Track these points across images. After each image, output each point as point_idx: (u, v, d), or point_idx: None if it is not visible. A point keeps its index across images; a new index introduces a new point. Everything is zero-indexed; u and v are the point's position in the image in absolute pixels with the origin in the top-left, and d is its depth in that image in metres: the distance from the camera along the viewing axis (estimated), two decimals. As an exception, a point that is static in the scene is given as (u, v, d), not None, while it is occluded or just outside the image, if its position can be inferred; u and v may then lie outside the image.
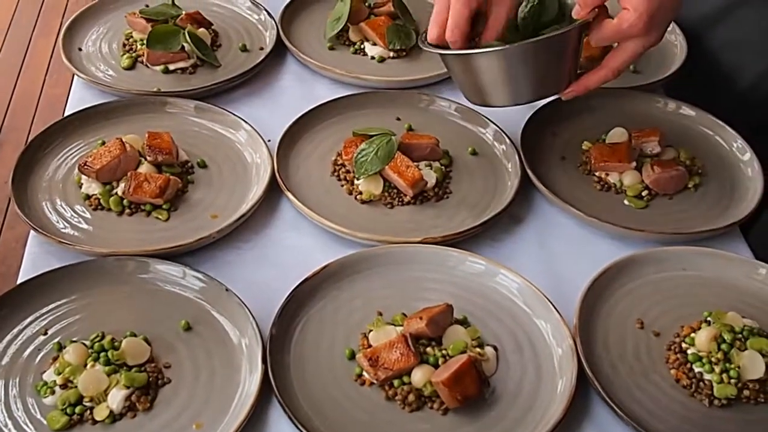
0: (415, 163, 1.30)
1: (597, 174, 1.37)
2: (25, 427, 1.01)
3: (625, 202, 1.34)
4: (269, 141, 1.37)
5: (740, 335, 1.10)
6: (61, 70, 3.26)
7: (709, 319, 1.15)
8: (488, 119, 1.43)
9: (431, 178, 1.32)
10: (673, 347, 1.12)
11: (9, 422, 1.01)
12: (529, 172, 1.33)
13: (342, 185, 1.33)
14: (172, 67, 1.52)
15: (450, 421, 1.04)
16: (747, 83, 1.58)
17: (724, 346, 1.09)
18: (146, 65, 1.53)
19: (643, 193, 1.34)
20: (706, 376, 1.08)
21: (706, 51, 1.63)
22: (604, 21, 1.15)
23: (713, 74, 1.63)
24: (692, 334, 1.13)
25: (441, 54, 1.20)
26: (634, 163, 1.36)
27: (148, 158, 1.29)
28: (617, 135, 1.41)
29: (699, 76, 1.65)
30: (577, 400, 1.06)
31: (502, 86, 1.19)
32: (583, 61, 1.55)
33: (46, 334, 1.10)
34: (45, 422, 1.01)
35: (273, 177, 1.30)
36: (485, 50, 1.15)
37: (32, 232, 1.22)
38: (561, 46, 1.16)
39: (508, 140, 1.40)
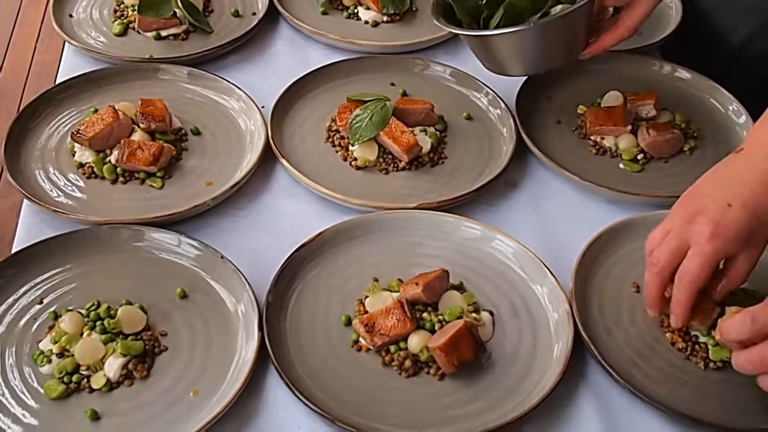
0: (410, 129, 1.30)
1: (592, 138, 1.37)
2: (22, 396, 1.01)
3: (621, 165, 1.34)
4: (263, 107, 1.36)
5: (737, 297, 1.10)
6: (52, 36, 3.23)
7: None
8: (483, 84, 1.42)
9: (426, 143, 1.31)
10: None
11: (6, 391, 1.01)
12: (524, 136, 1.33)
13: (337, 151, 1.32)
14: (164, 33, 1.51)
15: (446, 386, 1.04)
16: (738, 42, 1.57)
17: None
18: (138, 31, 1.52)
19: (639, 157, 1.34)
20: (702, 339, 1.09)
21: (700, 12, 1.62)
22: None
23: (707, 35, 1.62)
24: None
25: (458, 33, 1.23)
26: (629, 127, 1.35)
27: (141, 126, 1.29)
28: (612, 98, 1.40)
29: (694, 38, 1.64)
30: (573, 365, 1.06)
31: (520, 60, 1.24)
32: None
33: (41, 303, 1.10)
34: (42, 391, 1.01)
35: (267, 144, 1.30)
36: (502, 31, 1.19)
37: (26, 201, 1.22)
38: (577, 19, 1.18)
39: (503, 105, 1.39)
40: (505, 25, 1.21)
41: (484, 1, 1.25)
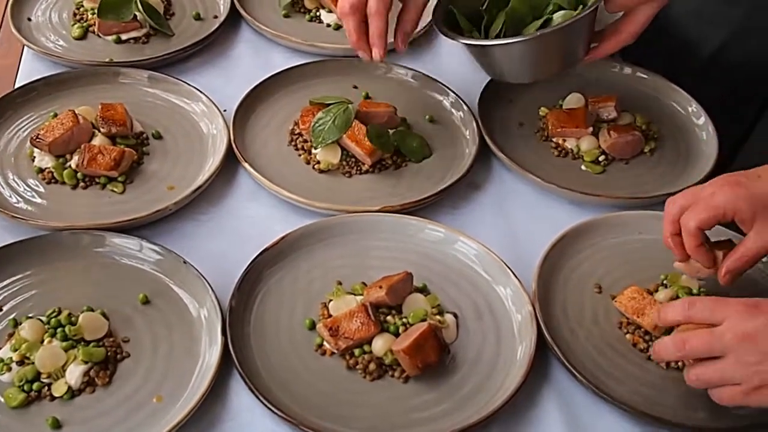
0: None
1: (554, 140, 1.38)
2: (-19, 404, 1.00)
3: (583, 167, 1.35)
4: (225, 111, 1.36)
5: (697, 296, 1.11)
6: (11, 40, 3.18)
7: (665, 282, 1.16)
8: (446, 86, 1.43)
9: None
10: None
11: (-35, 400, 1.00)
12: (487, 138, 1.33)
13: (300, 155, 1.32)
14: (124, 36, 1.49)
15: (411, 388, 1.04)
16: (708, 53, 1.59)
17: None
18: (98, 35, 1.50)
19: (600, 158, 1.35)
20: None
21: (666, 18, 1.64)
22: None
23: (671, 41, 1.64)
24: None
25: (462, 42, 1.22)
26: (590, 129, 1.36)
27: (101, 130, 1.28)
28: (574, 100, 1.41)
29: (655, 41, 1.65)
30: (537, 365, 1.07)
31: (522, 68, 1.24)
32: None
33: (1, 310, 1.09)
34: (2, 399, 1.00)
35: (229, 147, 1.29)
36: (505, 41, 1.19)
37: (-16, 207, 1.20)
38: (579, 28, 1.19)
39: (465, 107, 1.40)
40: (506, 32, 1.22)
41: (484, 7, 1.25)
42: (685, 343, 0.95)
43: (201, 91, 1.38)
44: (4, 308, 1.09)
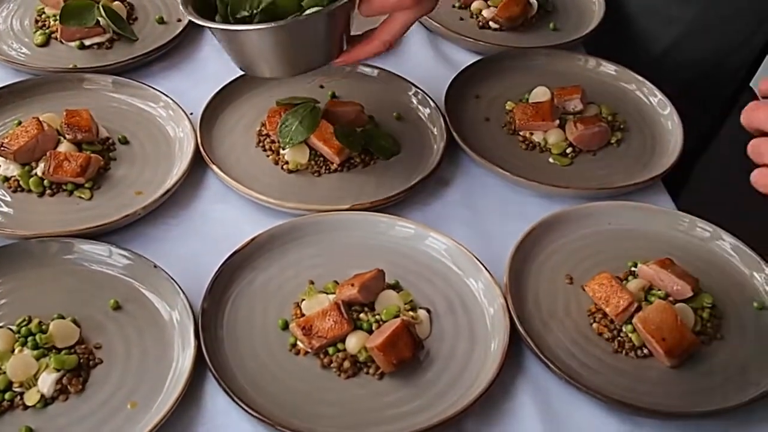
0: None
1: (521, 133, 1.38)
2: (-46, 415, 0.99)
3: (550, 160, 1.35)
4: (191, 114, 1.35)
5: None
6: (-27, 50, 3.17)
7: (633, 269, 1.17)
8: (412, 84, 1.43)
9: (357, 145, 1.31)
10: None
11: (-64, 412, 0.99)
12: (455, 134, 1.34)
13: (268, 156, 1.31)
14: (87, 42, 1.48)
15: (386, 385, 1.05)
16: (661, 49, 1.61)
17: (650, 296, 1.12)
18: (61, 41, 1.49)
19: (568, 151, 1.36)
20: (623, 328, 1.11)
21: (623, 14, 1.65)
22: None
23: (630, 35, 1.65)
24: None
25: (205, 26, 1.13)
26: (557, 122, 1.37)
27: (67, 137, 1.26)
28: (540, 94, 1.42)
29: (617, 35, 1.67)
30: (511, 358, 1.07)
31: (269, 60, 1.15)
32: (504, 20, 1.57)
33: (-29, 318, 1.08)
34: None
35: (197, 150, 1.28)
36: (250, 27, 1.10)
37: (-50, 217, 1.19)
38: (330, 21, 1.12)
39: (432, 104, 1.40)
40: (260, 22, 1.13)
41: None
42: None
43: (166, 95, 1.37)
44: (-25, 316, 1.08)
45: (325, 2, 1.10)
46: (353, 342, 1.06)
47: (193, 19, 1.12)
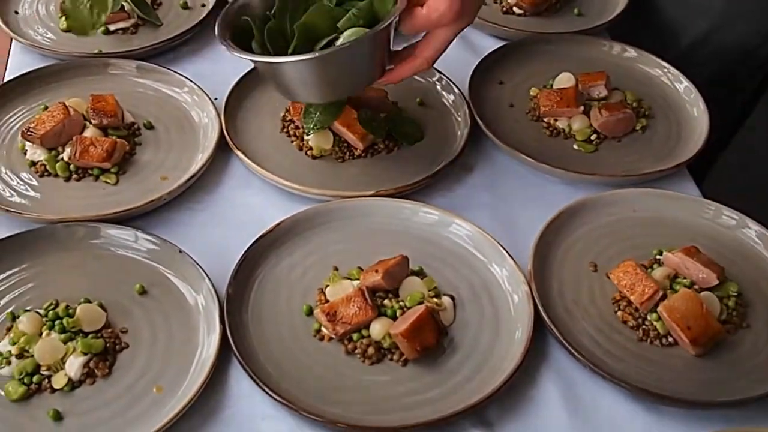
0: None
1: (545, 120, 1.38)
2: (-19, 399, 1.00)
3: (575, 146, 1.35)
4: (216, 99, 1.35)
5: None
6: (-2, 33, 3.18)
7: (659, 257, 1.17)
8: (436, 69, 1.42)
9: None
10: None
11: (-35, 395, 1.00)
12: (479, 120, 1.33)
13: (292, 141, 1.32)
14: (112, 27, 1.49)
15: (410, 371, 1.05)
16: (690, 41, 1.60)
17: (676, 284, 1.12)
18: (86, 27, 1.50)
19: (592, 137, 1.35)
20: (648, 316, 1.10)
21: (649, 3, 1.64)
22: (415, 10, 1.10)
23: (657, 25, 1.64)
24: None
25: (246, 59, 1.13)
26: (581, 108, 1.36)
27: (93, 122, 1.27)
28: (564, 80, 1.41)
29: (644, 24, 1.66)
30: (535, 346, 1.07)
31: (311, 87, 1.15)
32: (528, 5, 1.56)
33: (-2, 304, 1.09)
34: (2, 393, 1.00)
35: (221, 136, 1.29)
36: (292, 59, 1.09)
37: (-23, 201, 1.20)
38: (371, 46, 1.11)
39: (456, 90, 1.40)
40: (298, 48, 1.11)
41: (272, 12, 1.15)
42: None
43: (191, 80, 1.38)
44: (1, 302, 1.09)
45: (360, 21, 1.10)
46: (377, 328, 1.06)
47: (233, 53, 1.11)
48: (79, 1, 1.23)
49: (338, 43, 1.10)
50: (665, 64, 1.48)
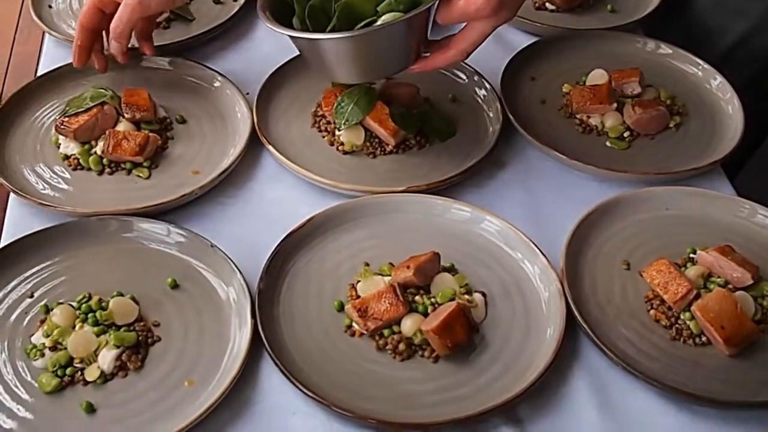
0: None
1: (578, 116, 1.37)
2: (16, 390, 1.00)
3: (607, 143, 1.34)
4: (247, 94, 1.36)
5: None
6: (31, 28, 3.17)
7: (692, 256, 1.16)
8: (468, 65, 1.42)
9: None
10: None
11: (0, 386, 1.01)
12: (511, 116, 1.33)
13: (323, 136, 1.31)
14: (145, 21, 1.49)
15: (441, 368, 1.05)
16: (728, 43, 1.58)
17: (710, 283, 1.11)
18: (119, 21, 1.50)
19: (625, 134, 1.34)
20: (682, 315, 1.09)
21: (686, 4, 1.63)
22: (453, 1, 1.10)
23: (691, 20, 1.62)
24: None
25: (284, 34, 1.13)
26: (614, 105, 1.35)
27: (126, 116, 1.28)
28: (597, 76, 1.40)
29: (676, 18, 1.64)
30: (567, 343, 1.06)
31: (347, 66, 1.15)
32: (560, 1, 1.55)
33: (32, 296, 1.09)
34: (36, 385, 1.01)
35: (253, 130, 1.29)
36: (330, 36, 1.10)
37: (12, 194, 1.21)
38: (408, 29, 1.11)
39: (488, 86, 1.39)
40: (338, 28, 1.12)
41: None
42: None
43: (223, 75, 1.38)
44: (36, 294, 1.10)
45: (401, 7, 1.10)
46: (408, 324, 1.06)
47: (272, 27, 1.12)
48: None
49: (378, 23, 1.11)
50: (700, 61, 1.47)
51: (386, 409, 1.00)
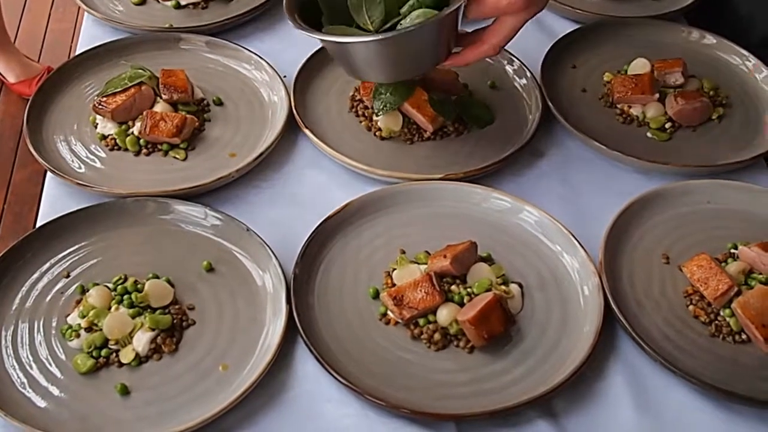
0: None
1: (619, 106, 1.35)
2: (51, 369, 1.01)
3: (648, 134, 1.32)
4: (285, 77, 1.35)
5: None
6: (66, 4, 3.20)
7: (734, 251, 1.14)
8: (508, 52, 1.40)
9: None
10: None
11: (35, 365, 1.01)
12: (551, 105, 1.31)
13: (361, 121, 1.31)
14: (183, 1, 1.49)
15: (476, 359, 1.04)
16: None
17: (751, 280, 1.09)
18: (157, 0, 1.50)
19: (667, 126, 1.32)
20: (721, 312, 1.08)
21: None
22: None
23: (735, 10, 1.59)
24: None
25: (316, 38, 1.11)
26: (656, 95, 1.33)
27: (163, 96, 1.28)
28: (639, 66, 1.38)
29: (720, 8, 1.61)
30: (604, 337, 1.05)
31: (377, 67, 1.14)
32: None
33: (68, 276, 1.10)
34: (71, 365, 1.01)
35: (290, 114, 1.28)
36: (360, 39, 1.08)
37: (49, 174, 1.21)
38: (438, 29, 1.10)
39: (528, 73, 1.37)
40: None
41: None
42: None
43: (261, 57, 1.37)
44: (72, 274, 1.10)
45: (428, 2, 1.09)
46: (444, 314, 1.05)
47: (301, 31, 1.11)
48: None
49: (406, 23, 1.09)
50: (745, 52, 1.44)
51: (420, 399, 0.99)
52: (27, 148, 1.25)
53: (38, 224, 1.14)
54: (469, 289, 1.08)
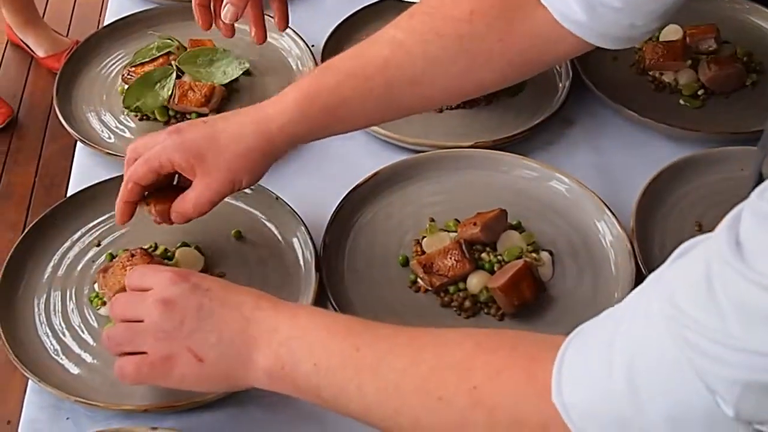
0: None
1: (651, 73, 1.33)
2: (83, 336, 1.01)
3: (681, 101, 1.30)
4: (313, 46, 1.34)
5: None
6: (95, -23, 3.22)
7: (767, 220, 1.13)
8: (537, 19, 1.38)
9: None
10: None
11: (68, 333, 1.02)
12: (581, 72, 1.30)
13: (389, 90, 1.30)
14: (210, -29, 1.48)
15: (507, 326, 1.03)
16: None
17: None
18: (184, -30, 1.49)
19: (699, 92, 1.30)
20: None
21: None
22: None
23: None
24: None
25: None
26: (689, 62, 1.32)
27: (192, 66, 1.27)
28: (671, 32, 1.36)
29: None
30: (636, 304, 1.04)
31: None
32: None
33: (99, 245, 1.10)
34: (103, 332, 1.01)
35: (319, 83, 1.27)
36: None
37: (79, 144, 1.21)
38: None
39: (558, 40, 1.36)
40: None
41: None
42: (114, 303, 0.89)
43: (290, 26, 1.36)
44: (102, 243, 1.10)
45: None
46: (474, 282, 1.04)
47: None
48: None
49: None
50: (780, 16, 1.42)
51: (450, 366, 0.99)
52: (57, 122, 1.25)
53: (68, 194, 1.15)
54: (499, 257, 1.07)
